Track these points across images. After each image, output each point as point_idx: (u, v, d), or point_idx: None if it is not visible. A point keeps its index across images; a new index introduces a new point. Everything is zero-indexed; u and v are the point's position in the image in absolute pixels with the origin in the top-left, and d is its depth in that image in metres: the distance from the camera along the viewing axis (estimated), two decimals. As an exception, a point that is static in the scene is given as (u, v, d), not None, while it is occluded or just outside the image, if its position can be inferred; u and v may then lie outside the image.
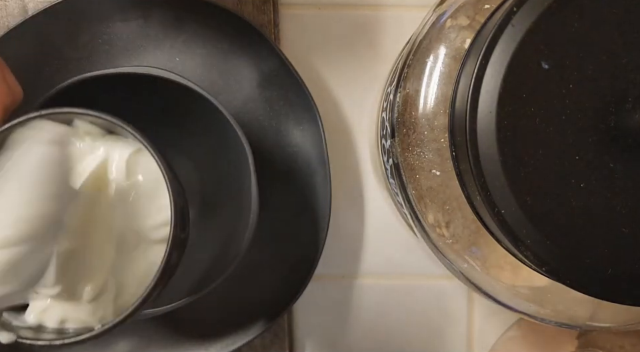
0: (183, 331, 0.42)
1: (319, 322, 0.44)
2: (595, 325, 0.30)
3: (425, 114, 0.29)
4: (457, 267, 0.30)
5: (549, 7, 0.23)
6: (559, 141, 0.23)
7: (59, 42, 0.39)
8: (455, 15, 0.29)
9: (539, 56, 0.23)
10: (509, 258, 0.27)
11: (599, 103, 0.23)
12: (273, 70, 0.40)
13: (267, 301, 0.41)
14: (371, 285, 0.44)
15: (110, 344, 0.41)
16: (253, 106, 0.41)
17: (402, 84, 0.30)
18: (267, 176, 0.40)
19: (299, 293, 0.41)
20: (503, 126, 0.23)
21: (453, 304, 0.44)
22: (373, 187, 0.43)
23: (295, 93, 0.40)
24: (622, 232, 0.23)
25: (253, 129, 0.41)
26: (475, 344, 0.44)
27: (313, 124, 0.41)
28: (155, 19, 0.40)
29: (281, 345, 0.43)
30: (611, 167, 0.23)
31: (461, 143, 0.24)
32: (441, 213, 0.29)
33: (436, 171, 0.29)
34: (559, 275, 0.23)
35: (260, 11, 0.41)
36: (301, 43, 0.42)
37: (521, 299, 0.30)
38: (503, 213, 0.23)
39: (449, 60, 0.28)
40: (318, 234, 0.41)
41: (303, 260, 0.41)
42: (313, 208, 0.41)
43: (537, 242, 0.23)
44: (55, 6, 0.39)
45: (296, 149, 0.41)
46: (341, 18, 0.42)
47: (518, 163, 0.23)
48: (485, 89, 0.23)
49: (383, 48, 0.42)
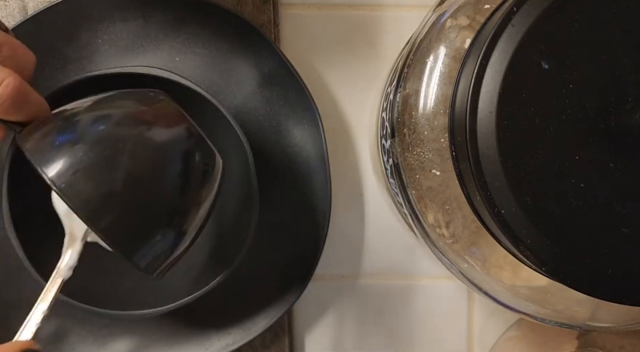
0: (183, 330, 0.42)
1: (319, 322, 0.44)
2: (595, 325, 0.30)
3: (425, 114, 0.29)
4: (457, 267, 0.30)
5: (548, 7, 0.23)
6: (559, 141, 0.23)
7: (58, 42, 0.39)
8: (454, 14, 0.29)
9: (539, 56, 0.23)
10: (509, 258, 0.27)
11: (599, 102, 0.23)
12: (273, 70, 0.40)
13: (267, 301, 0.41)
14: (371, 285, 0.44)
15: (110, 343, 0.41)
16: (252, 106, 0.41)
17: (402, 84, 0.30)
18: (267, 176, 0.40)
19: (299, 293, 0.41)
20: (503, 126, 0.23)
21: (453, 304, 0.44)
22: (372, 187, 0.43)
23: (295, 93, 0.40)
24: (622, 232, 0.23)
25: (252, 129, 0.41)
26: (475, 344, 0.44)
27: (312, 124, 0.41)
28: (155, 19, 0.40)
29: (280, 345, 0.43)
30: (611, 166, 0.23)
31: (461, 143, 0.24)
32: (441, 213, 0.29)
33: (436, 171, 0.29)
34: (559, 275, 0.23)
35: (260, 11, 0.41)
36: (301, 43, 0.42)
37: (521, 299, 0.30)
38: (502, 213, 0.23)
39: (449, 60, 0.28)
40: (318, 234, 0.41)
41: (302, 260, 0.41)
42: (313, 208, 0.41)
43: (537, 242, 0.23)
44: (55, 6, 0.39)
45: (296, 149, 0.41)
46: (341, 18, 0.42)
47: (518, 163, 0.23)
48: (485, 89, 0.23)
49: (383, 48, 0.42)
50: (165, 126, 0.30)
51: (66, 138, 0.28)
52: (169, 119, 0.31)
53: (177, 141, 0.30)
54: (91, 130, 0.28)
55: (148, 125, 0.30)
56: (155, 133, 0.29)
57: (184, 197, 0.30)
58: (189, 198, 0.30)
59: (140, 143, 0.29)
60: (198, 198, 0.31)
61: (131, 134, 0.29)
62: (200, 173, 0.31)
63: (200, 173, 0.31)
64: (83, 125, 0.29)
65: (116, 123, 0.29)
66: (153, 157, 0.29)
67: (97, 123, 0.29)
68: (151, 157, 0.29)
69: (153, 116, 0.30)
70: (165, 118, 0.31)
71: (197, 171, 0.31)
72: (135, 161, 0.28)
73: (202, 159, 0.31)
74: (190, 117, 0.32)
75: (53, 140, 0.28)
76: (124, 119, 0.29)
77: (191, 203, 0.31)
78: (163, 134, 0.30)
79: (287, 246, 0.41)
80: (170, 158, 0.30)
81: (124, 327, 0.41)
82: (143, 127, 0.29)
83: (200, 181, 0.31)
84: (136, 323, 0.41)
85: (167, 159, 0.29)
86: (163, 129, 0.30)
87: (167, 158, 0.29)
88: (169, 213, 0.30)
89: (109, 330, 0.41)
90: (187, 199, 0.30)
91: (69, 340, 0.41)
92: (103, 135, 0.28)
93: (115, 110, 0.30)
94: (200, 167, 0.31)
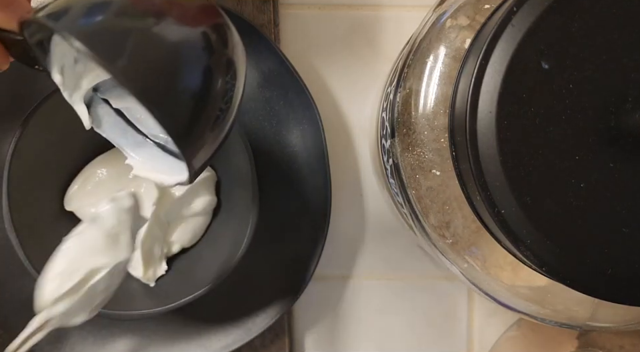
0: (183, 330, 0.42)
1: (319, 322, 0.44)
2: (594, 325, 0.30)
3: (425, 114, 0.29)
4: (457, 267, 0.30)
5: (549, 7, 0.23)
6: (559, 141, 0.23)
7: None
8: (455, 15, 0.29)
9: (539, 56, 0.23)
10: (509, 258, 0.27)
11: (599, 102, 0.23)
12: (273, 70, 0.40)
13: (267, 301, 0.41)
14: (371, 285, 0.44)
15: (110, 343, 0.41)
16: (253, 106, 0.41)
17: (402, 84, 0.30)
18: (267, 176, 0.40)
19: (299, 293, 0.41)
20: (503, 126, 0.23)
21: (453, 304, 0.44)
22: (373, 187, 0.43)
23: (295, 93, 0.40)
24: (622, 232, 0.23)
25: (252, 129, 0.41)
26: (475, 344, 0.44)
27: (312, 124, 0.41)
28: (155, 19, 0.40)
29: (281, 345, 0.43)
30: (611, 166, 0.23)
31: (461, 143, 0.24)
32: (441, 213, 0.29)
33: (436, 170, 0.29)
34: (559, 275, 0.23)
35: (260, 10, 0.41)
36: (301, 42, 0.42)
37: (521, 298, 0.30)
38: (503, 213, 0.23)
39: (449, 60, 0.28)
40: (318, 234, 0.41)
41: (303, 260, 0.41)
42: (313, 208, 0.41)
43: (537, 242, 0.23)
44: (55, 6, 0.39)
45: (296, 149, 0.41)
46: (341, 18, 0.42)
47: (518, 163, 0.23)
48: (484, 88, 0.23)
49: (383, 48, 0.43)
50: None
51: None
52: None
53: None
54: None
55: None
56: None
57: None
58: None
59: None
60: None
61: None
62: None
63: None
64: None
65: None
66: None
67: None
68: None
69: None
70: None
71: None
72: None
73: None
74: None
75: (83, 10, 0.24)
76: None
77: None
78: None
79: (287, 246, 0.41)
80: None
81: (124, 327, 0.41)
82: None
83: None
84: (136, 323, 0.41)
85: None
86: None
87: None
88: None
89: (108, 330, 0.41)
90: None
91: (69, 340, 0.41)
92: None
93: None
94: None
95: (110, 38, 0.24)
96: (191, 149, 0.25)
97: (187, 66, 0.25)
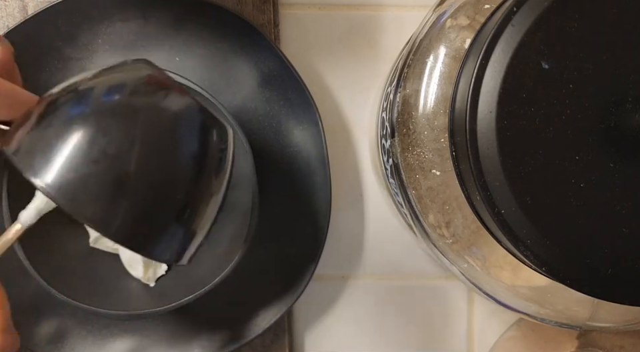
0: (183, 330, 0.42)
1: (319, 322, 0.44)
2: (595, 325, 0.30)
3: (425, 114, 0.29)
4: (457, 267, 0.30)
5: (548, 7, 0.23)
6: (559, 141, 0.23)
7: (58, 42, 0.39)
8: (455, 14, 0.29)
9: (539, 56, 0.23)
10: (509, 258, 0.27)
11: (599, 102, 0.23)
12: (273, 70, 0.40)
13: (267, 301, 0.41)
14: (371, 285, 0.44)
15: (110, 343, 0.41)
16: (252, 106, 0.41)
17: (402, 84, 0.30)
18: (267, 176, 0.40)
19: (299, 293, 0.41)
20: (503, 126, 0.23)
21: (453, 304, 0.44)
22: (373, 187, 0.43)
23: (295, 93, 0.40)
24: (622, 232, 0.23)
25: (252, 128, 0.41)
26: (475, 344, 0.44)
27: (312, 124, 0.41)
28: (155, 19, 0.40)
29: (280, 345, 0.43)
30: (611, 166, 0.23)
31: (461, 143, 0.24)
32: (441, 213, 0.29)
33: (436, 170, 0.29)
34: (559, 275, 0.23)
35: (260, 10, 0.41)
36: (301, 42, 0.42)
37: (521, 298, 0.30)
38: (502, 213, 0.23)
39: (449, 60, 0.28)
40: (318, 234, 0.41)
41: (303, 260, 0.41)
42: (313, 208, 0.41)
43: (537, 242, 0.23)
44: (55, 6, 0.39)
45: (296, 149, 0.41)
46: (341, 18, 0.42)
47: (518, 163, 0.23)
48: (484, 88, 0.23)
49: (383, 48, 0.42)
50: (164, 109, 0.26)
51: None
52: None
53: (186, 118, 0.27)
54: (104, 101, 0.25)
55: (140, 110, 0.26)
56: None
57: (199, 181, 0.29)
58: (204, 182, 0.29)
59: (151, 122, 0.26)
60: (213, 182, 0.30)
61: (144, 104, 0.26)
62: (216, 153, 0.29)
63: (216, 153, 0.29)
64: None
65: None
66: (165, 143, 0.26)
67: (110, 93, 0.26)
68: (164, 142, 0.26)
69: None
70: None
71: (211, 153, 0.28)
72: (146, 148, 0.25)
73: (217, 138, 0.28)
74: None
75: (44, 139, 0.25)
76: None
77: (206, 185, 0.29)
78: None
79: (287, 246, 0.41)
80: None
81: (124, 327, 0.41)
82: (154, 98, 0.26)
83: (216, 162, 0.29)
84: (136, 323, 0.41)
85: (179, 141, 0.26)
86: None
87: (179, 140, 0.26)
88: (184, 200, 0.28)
89: (109, 330, 0.41)
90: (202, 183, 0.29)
91: (69, 340, 0.41)
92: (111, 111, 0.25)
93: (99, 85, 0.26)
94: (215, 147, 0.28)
95: (80, 189, 0.25)
96: (149, 248, 0.27)
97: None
